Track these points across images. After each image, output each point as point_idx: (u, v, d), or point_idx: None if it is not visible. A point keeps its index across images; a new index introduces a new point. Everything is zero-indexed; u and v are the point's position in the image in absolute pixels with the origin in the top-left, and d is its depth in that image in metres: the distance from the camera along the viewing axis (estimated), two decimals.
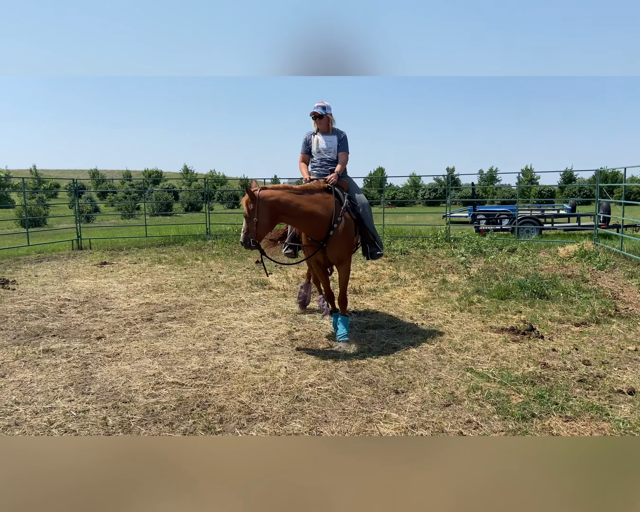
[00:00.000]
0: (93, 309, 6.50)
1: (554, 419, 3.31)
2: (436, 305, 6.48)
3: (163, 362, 4.51)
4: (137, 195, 38.12)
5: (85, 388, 3.97)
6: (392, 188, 51.16)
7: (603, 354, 4.54)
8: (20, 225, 23.33)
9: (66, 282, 8.39)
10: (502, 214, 17.51)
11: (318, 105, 5.21)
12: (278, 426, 3.31)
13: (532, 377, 3.99)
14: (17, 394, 3.85)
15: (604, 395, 3.68)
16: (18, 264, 10.51)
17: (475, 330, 5.35)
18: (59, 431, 3.28)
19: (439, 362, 4.42)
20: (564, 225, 16.16)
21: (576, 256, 9.93)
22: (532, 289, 6.71)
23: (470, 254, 9.95)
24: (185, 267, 9.89)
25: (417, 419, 3.37)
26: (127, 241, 14.36)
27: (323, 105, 5.20)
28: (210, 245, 13.08)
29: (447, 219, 14.43)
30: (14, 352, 4.80)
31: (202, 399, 3.73)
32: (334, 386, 3.95)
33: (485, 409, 3.48)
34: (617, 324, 5.41)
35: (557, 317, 5.75)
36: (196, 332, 5.42)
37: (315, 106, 5.22)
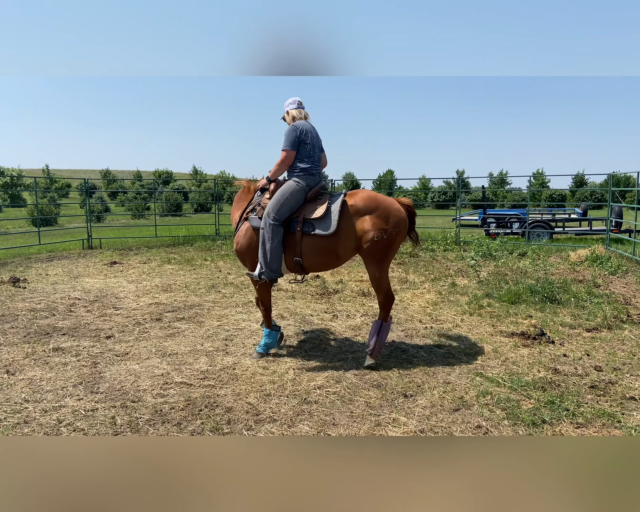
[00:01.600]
0: (103, 309, 6.54)
1: (565, 426, 3.27)
2: (445, 308, 6.44)
3: (172, 362, 4.52)
4: (148, 195, 38.36)
5: (94, 387, 3.99)
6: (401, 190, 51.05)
7: (615, 360, 4.48)
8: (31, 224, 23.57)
9: (76, 281, 8.45)
10: (512, 218, 17.40)
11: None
12: (286, 428, 3.30)
13: (543, 383, 3.95)
14: (26, 392, 3.87)
15: (616, 402, 3.63)
16: (29, 262, 10.60)
17: (485, 334, 5.31)
18: (67, 429, 3.30)
19: (448, 366, 4.38)
20: (576, 230, 16.02)
21: (588, 261, 9.83)
22: (542, 294, 6.64)
23: (480, 258, 9.88)
24: (195, 267, 9.92)
25: (426, 423, 3.35)
26: (137, 241, 14.44)
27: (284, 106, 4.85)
28: (219, 246, 13.11)
29: (456, 222, 14.36)
30: (24, 350, 4.83)
31: (210, 400, 3.73)
32: (342, 388, 3.93)
33: (495, 415, 3.45)
34: (629, 330, 5.35)
35: (568, 322, 5.69)
36: (205, 333, 5.42)
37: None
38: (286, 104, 4.76)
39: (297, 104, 4.73)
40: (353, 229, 4.36)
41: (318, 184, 4.66)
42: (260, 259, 4.51)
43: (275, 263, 4.48)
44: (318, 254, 4.44)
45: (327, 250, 4.42)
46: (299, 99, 4.77)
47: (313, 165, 4.60)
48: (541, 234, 15.20)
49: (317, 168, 4.67)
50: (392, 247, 4.41)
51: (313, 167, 4.59)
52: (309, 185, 4.57)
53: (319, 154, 4.72)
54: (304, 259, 4.50)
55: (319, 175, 4.71)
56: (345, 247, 4.43)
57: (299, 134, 4.51)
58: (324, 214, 4.39)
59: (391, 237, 4.34)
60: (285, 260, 4.58)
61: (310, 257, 4.48)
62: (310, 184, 4.58)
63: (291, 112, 4.71)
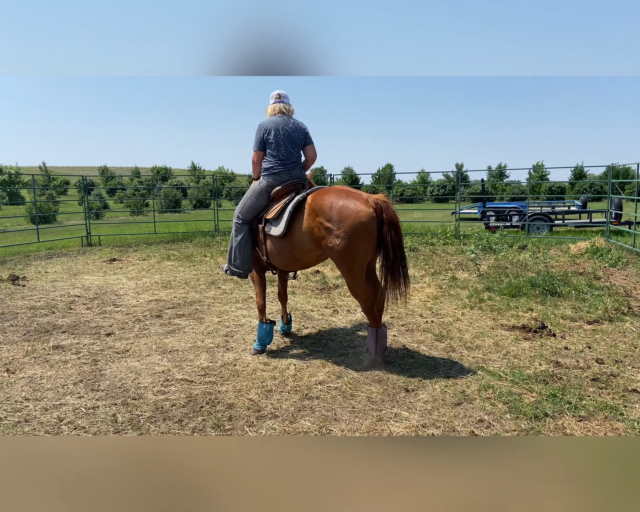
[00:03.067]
0: (102, 306, 6.52)
1: (567, 419, 3.26)
2: (446, 302, 6.43)
3: (172, 359, 4.51)
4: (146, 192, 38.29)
5: (94, 385, 3.97)
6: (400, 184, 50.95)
7: (616, 352, 4.47)
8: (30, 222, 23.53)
9: (76, 279, 8.43)
10: (512, 211, 17.38)
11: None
12: (287, 424, 3.29)
13: (545, 376, 3.94)
14: (27, 391, 3.86)
15: (618, 394, 3.62)
16: (28, 260, 10.58)
17: (485, 328, 5.30)
18: (68, 427, 3.28)
19: (449, 361, 4.37)
20: (575, 222, 16.00)
21: (588, 253, 9.82)
22: (543, 287, 6.63)
23: (480, 251, 9.87)
24: (194, 263, 9.90)
25: (428, 417, 3.34)
26: (136, 238, 14.42)
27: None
28: (218, 242, 13.09)
29: (456, 215, 14.34)
30: (24, 348, 4.82)
31: (212, 397, 3.72)
32: (344, 383, 3.92)
33: (497, 408, 3.44)
34: (631, 322, 5.34)
35: (569, 315, 5.68)
36: (205, 329, 5.41)
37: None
38: (269, 98, 4.63)
39: (274, 99, 4.56)
40: (310, 232, 4.09)
41: (285, 181, 4.46)
42: (230, 257, 4.60)
43: (238, 260, 4.49)
44: (277, 254, 4.39)
45: (285, 251, 4.33)
46: (280, 91, 4.59)
47: (277, 163, 4.42)
48: (541, 227, 15.18)
49: (285, 165, 4.44)
50: (353, 253, 3.92)
51: (276, 166, 4.42)
52: (271, 185, 4.44)
53: (291, 150, 4.45)
54: (269, 258, 4.49)
55: (288, 173, 4.46)
56: (302, 250, 4.23)
57: (262, 134, 4.42)
58: (278, 215, 4.29)
59: (347, 243, 3.87)
60: (260, 258, 4.62)
61: (274, 257, 4.45)
62: (273, 184, 4.44)
63: (268, 108, 4.59)
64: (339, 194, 4.05)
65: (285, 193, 4.45)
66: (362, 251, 3.95)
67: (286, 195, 4.43)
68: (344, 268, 4.07)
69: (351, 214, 3.88)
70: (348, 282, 4.17)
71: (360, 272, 4.06)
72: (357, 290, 4.11)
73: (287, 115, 4.54)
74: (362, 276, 4.10)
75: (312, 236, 4.09)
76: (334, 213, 3.93)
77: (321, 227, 4.00)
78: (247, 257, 4.50)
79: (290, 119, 4.52)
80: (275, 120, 4.44)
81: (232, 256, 4.54)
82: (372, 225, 3.90)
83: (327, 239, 3.96)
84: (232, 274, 4.59)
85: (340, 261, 4.03)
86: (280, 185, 4.45)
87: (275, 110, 4.52)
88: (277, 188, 4.44)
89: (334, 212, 3.93)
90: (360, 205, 3.91)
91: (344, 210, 3.91)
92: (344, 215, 3.89)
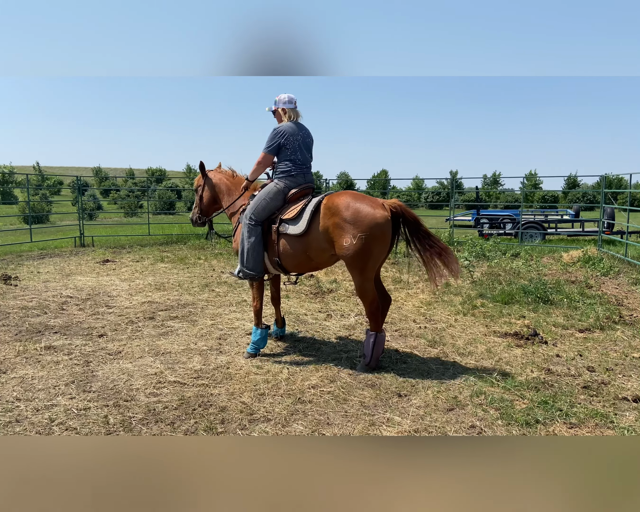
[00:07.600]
0: (95, 307, 6.49)
1: (558, 426, 3.28)
2: (439, 308, 6.45)
3: (165, 361, 4.49)
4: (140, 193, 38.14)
5: (86, 386, 3.95)
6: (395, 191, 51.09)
7: (607, 360, 4.50)
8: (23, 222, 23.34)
9: (68, 279, 8.39)
10: (505, 219, 17.47)
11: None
12: (280, 428, 3.29)
13: (536, 383, 3.97)
14: (18, 391, 3.84)
15: (609, 402, 3.65)
16: (20, 260, 10.51)
17: (478, 334, 5.32)
18: (59, 428, 3.27)
19: (442, 366, 4.39)
20: (568, 231, 16.12)
21: (580, 262, 9.89)
22: (535, 294, 6.67)
23: (474, 258, 9.91)
24: (188, 266, 9.88)
25: (420, 423, 3.35)
26: (129, 239, 14.37)
27: (276, 100, 4.72)
28: (212, 245, 13.06)
29: (450, 222, 14.40)
30: (15, 348, 4.79)
31: (204, 399, 3.71)
32: (337, 388, 3.92)
33: (489, 414, 3.45)
34: (622, 330, 5.38)
35: (561, 322, 5.71)
36: (198, 332, 5.40)
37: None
38: (280, 100, 4.65)
39: (291, 104, 4.63)
40: (325, 232, 4.19)
41: (302, 185, 4.59)
42: (238, 258, 4.59)
43: (251, 262, 4.50)
44: (292, 254, 4.43)
45: (299, 250, 4.39)
46: (293, 96, 4.65)
47: (294, 167, 4.53)
48: (534, 235, 15.28)
49: (301, 169, 4.57)
50: (367, 254, 4.06)
51: (294, 169, 4.53)
52: (288, 186, 4.54)
53: (306, 156, 4.63)
54: (281, 259, 4.51)
55: (303, 176, 4.59)
56: (317, 250, 4.32)
57: (279, 139, 4.48)
58: (298, 214, 4.36)
59: (363, 243, 4.01)
60: (269, 260, 4.61)
61: (286, 258, 4.48)
62: (290, 186, 4.55)
63: (279, 111, 4.63)
64: (355, 196, 4.22)
65: (301, 195, 4.57)
66: (376, 252, 4.11)
67: (302, 197, 4.54)
68: (356, 268, 4.17)
69: (368, 214, 4.05)
70: (357, 283, 4.26)
71: (371, 274, 4.20)
72: (366, 291, 4.22)
73: (300, 122, 4.69)
74: (372, 278, 4.25)
75: (327, 236, 4.21)
76: (350, 213, 4.08)
77: (337, 227, 4.12)
78: (260, 258, 4.55)
79: (303, 126, 4.68)
80: (292, 126, 4.56)
81: (245, 258, 4.51)
82: (387, 227, 4.10)
83: (343, 239, 4.08)
84: (245, 276, 4.58)
85: (353, 261, 4.13)
86: (297, 187, 4.57)
87: (291, 116, 4.62)
88: (294, 190, 4.55)
89: (350, 213, 4.08)
90: (377, 208, 4.11)
91: (361, 211, 4.07)
92: (361, 215, 4.06)
